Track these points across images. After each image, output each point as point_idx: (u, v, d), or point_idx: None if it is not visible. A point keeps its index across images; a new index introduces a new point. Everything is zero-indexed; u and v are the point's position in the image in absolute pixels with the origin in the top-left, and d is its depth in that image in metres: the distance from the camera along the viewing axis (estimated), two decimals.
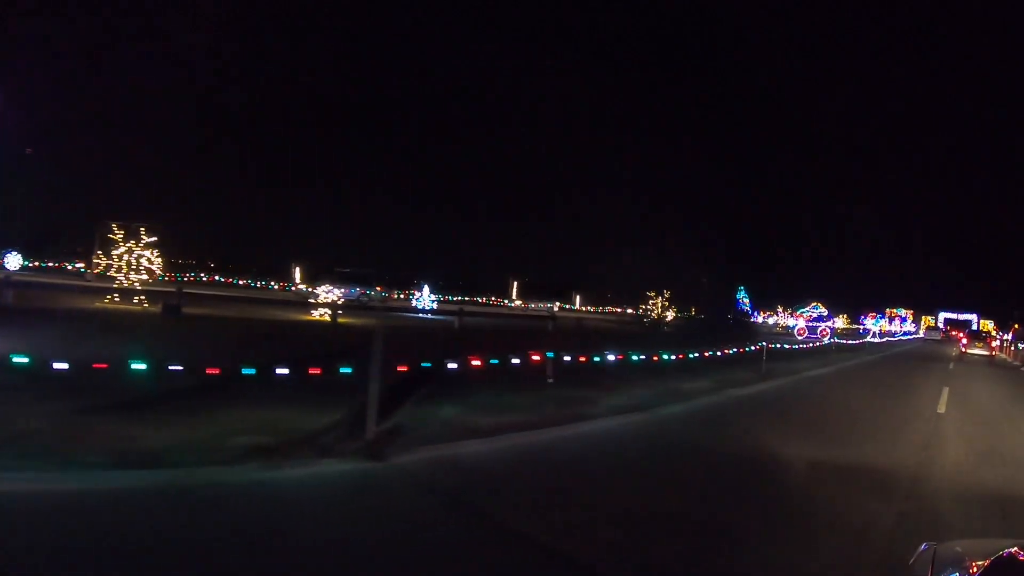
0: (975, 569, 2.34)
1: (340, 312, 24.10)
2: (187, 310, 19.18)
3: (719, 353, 18.14)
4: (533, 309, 40.04)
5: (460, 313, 27.42)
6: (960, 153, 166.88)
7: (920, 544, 2.74)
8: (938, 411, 13.01)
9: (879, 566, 4.54)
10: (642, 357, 14.47)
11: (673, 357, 15.89)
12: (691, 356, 16.61)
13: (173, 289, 24.21)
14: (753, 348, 18.27)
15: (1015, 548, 2.49)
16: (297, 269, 38.72)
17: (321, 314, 23.61)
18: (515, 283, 55.83)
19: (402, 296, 36.62)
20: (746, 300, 77.22)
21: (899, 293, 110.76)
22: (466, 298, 48.44)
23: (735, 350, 17.70)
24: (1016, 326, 76.32)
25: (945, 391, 16.71)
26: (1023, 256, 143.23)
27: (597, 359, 13.02)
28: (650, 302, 36.20)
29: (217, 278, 45.37)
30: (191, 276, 44.28)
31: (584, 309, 45.95)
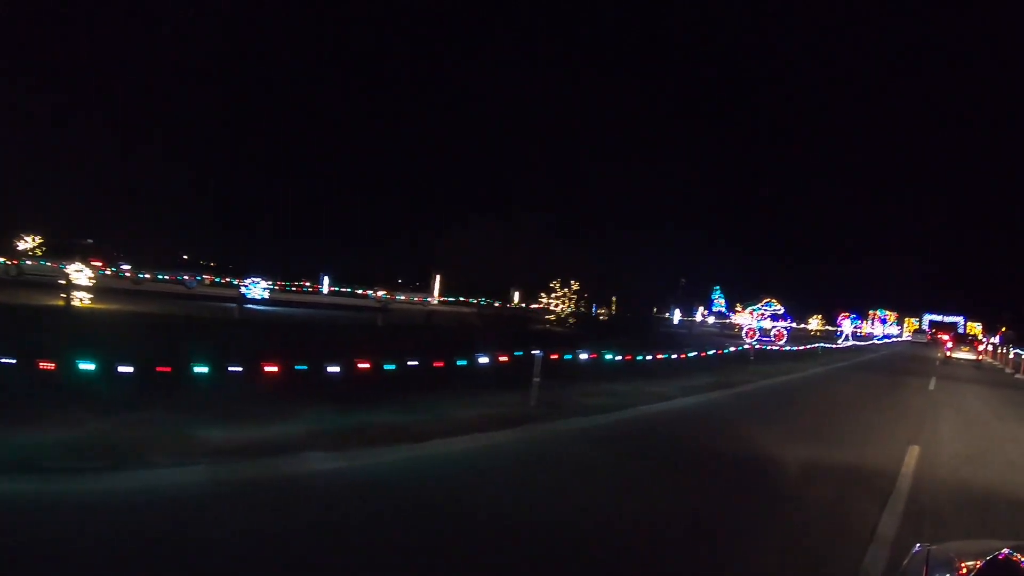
0: (967, 570, 2.28)
1: (91, 296, 19.04)
2: None
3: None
4: (378, 300, 33.13)
5: (239, 301, 22.94)
6: (951, 152, 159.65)
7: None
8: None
9: None
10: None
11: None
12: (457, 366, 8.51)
13: None
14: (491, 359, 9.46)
15: (1008, 549, 2.40)
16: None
17: (81, 298, 18.48)
18: (438, 277, 47.87)
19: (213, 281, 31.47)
20: (722, 300, 70.01)
21: (884, 294, 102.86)
22: (356, 291, 41.15)
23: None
24: (1004, 329, 68.44)
25: (912, 456, 8.21)
26: (1011, 258, 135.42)
27: None
28: (553, 295, 28.05)
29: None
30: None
31: (502, 304, 38.76)
